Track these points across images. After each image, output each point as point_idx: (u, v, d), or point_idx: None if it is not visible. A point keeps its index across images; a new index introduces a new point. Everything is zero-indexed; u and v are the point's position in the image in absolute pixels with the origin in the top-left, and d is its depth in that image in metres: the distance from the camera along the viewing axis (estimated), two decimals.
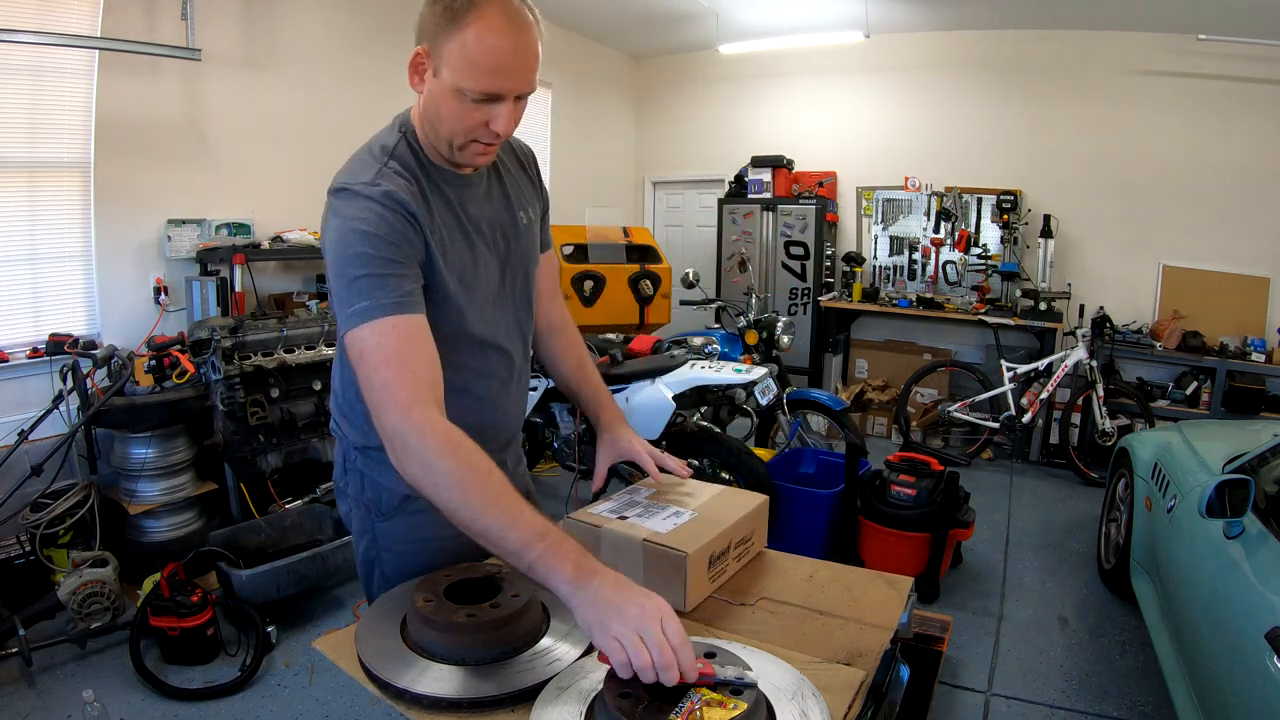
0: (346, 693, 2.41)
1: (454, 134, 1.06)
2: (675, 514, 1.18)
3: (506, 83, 1.01)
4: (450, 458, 0.92)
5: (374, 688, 0.90)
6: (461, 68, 0.99)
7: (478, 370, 1.20)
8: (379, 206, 1.01)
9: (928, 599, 3.08)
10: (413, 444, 0.93)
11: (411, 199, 1.04)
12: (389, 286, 0.98)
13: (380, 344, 0.96)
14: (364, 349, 0.97)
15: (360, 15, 4.32)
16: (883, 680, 0.95)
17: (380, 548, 1.23)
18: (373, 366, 0.96)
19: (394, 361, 0.96)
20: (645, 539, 1.09)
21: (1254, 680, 1.56)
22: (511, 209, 1.24)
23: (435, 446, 0.93)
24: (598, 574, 0.86)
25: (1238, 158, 4.87)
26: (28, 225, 3.14)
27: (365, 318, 0.97)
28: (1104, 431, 4.48)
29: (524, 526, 0.88)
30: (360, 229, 1.00)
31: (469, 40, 0.98)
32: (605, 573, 0.87)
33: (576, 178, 6.24)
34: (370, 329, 0.97)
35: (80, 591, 2.52)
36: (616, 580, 0.86)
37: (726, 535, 1.14)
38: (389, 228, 1.01)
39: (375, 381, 0.96)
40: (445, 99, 1.03)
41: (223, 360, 2.91)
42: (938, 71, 5.74)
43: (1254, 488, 1.90)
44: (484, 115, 1.03)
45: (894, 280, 5.98)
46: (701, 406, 3.40)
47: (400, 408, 0.95)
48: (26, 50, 2.95)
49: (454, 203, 1.13)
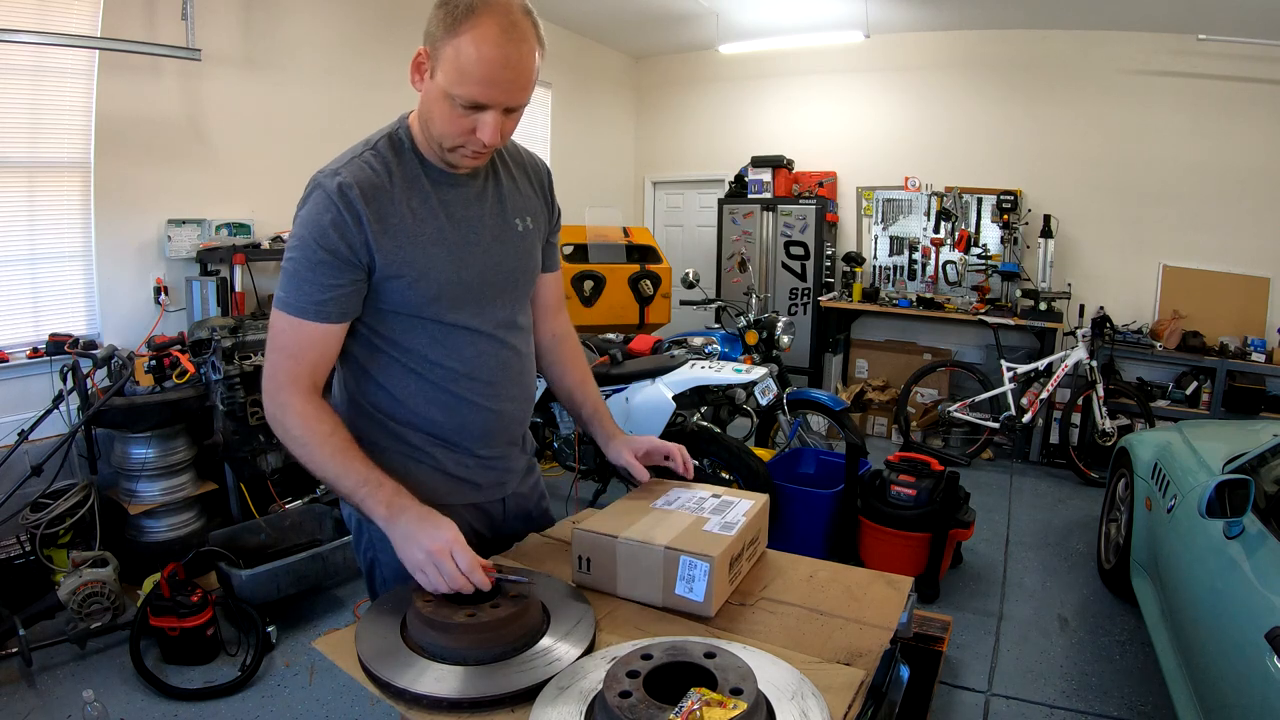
0: (346, 693, 2.41)
1: (444, 136, 1.09)
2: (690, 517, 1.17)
3: (493, 94, 1.03)
4: (301, 425, 1.09)
5: (374, 688, 0.90)
6: (452, 74, 1.02)
7: (474, 357, 1.22)
8: (326, 203, 1.08)
9: (928, 599, 3.08)
10: (277, 414, 1.11)
11: (370, 189, 1.10)
12: (306, 292, 1.09)
13: (284, 331, 1.11)
14: (274, 330, 1.13)
15: (360, 15, 4.32)
16: (883, 680, 0.95)
17: (378, 549, 1.23)
18: (272, 347, 1.13)
19: (287, 350, 1.11)
20: (668, 545, 1.07)
21: (1254, 680, 1.56)
22: (505, 215, 1.25)
23: (293, 417, 1.10)
24: (405, 511, 1.05)
25: (1238, 158, 4.87)
26: (28, 225, 3.14)
27: (282, 307, 1.11)
28: (1104, 431, 4.47)
29: (354, 474, 1.07)
30: (302, 232, 1.10)
31: (462, 47, 1.00)
32: (411, 510, 1.05)
33: (576, 178, 6.24)
34: (284, 318, 1.11)
35: (80, 591, 2.52)
36: (419, 516, 1.04)
37: (741, 537, 1.13)
38: (324, 236, 1.08)
39: (269, 358, 1.13)
40: (437, 101, 1.06)
41: (223, 360, 2.91)
42: (938, 71, 5.74)
43: (1254, 488, 1.90)
44: (471, 123, 1.06)
45: (894, 280, 5.98)
46: (701, 406, 3.40)
47: (277, 387, 1.11)
48: (26, 50, 2.95)
49: (434, 198, 1.16)
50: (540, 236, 1.33)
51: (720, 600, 1.08)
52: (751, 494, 1.27)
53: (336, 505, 3.18)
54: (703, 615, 1.05)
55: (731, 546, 1.10)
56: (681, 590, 1.06)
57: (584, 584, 1.14)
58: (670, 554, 1.06)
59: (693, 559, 1.05)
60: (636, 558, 1.09)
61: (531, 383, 1.36)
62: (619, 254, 5.57)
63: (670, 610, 1.08)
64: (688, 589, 1.06)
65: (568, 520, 1.37)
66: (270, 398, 1.12)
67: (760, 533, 1.24)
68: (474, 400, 1.22)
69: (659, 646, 0.88)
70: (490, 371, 1.24)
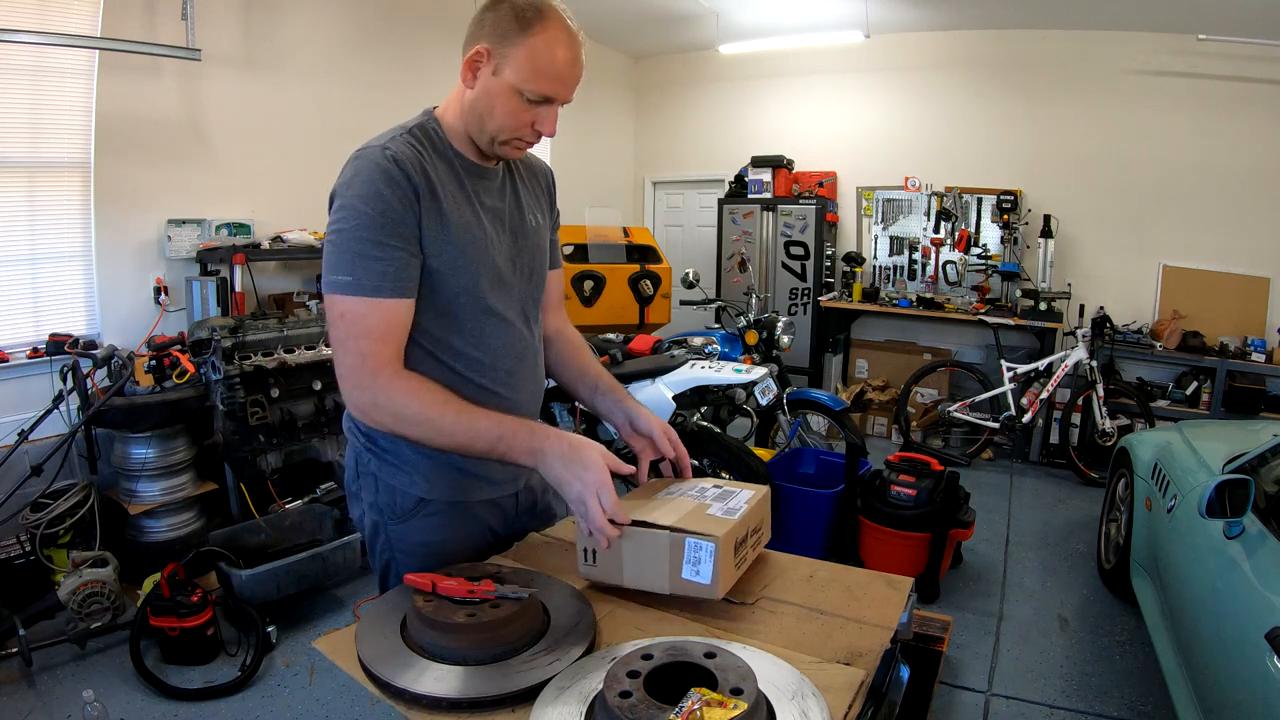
0: (346, 693, 2.41)
1: (501, 130, 1.14)
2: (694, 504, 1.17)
3: (561, 89, 1.13)
4: (416, 404, 1.07)
5: (374, 688, 0.90)
6: (527, 71, 1.09)
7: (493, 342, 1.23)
8: (378, 172, 1.07)
9: (928, 599, 3.08)
10: (382, 400, 1.08)
11: (416, 164, 1.11)
12: (375, 269, 1.06)
13: (363, 316, 1.07)
14: (348, 316, 1.08)
15: (360, 15, 4.31)
16: (883, 680, 0.95)
17: (395, 550, 1.24)
18: (352, 334, 1.07)
19: (372, 335, 1.08)
20: (672, 529, 1.07)
21: (1254, 680, 1.56)
22: (521, 209, 1.29)
23: (402, 398, 1.08)
24: (549, 453, 1.07)
25: (1238, 158, 4.87)
26: (28, 225, 3.14)
27: (351, 290, 1.07)
28: (1104, 431, 4.47)
29: (486, 433, 1.08)
30: (358, 206, 1.07)
31: (538, 47, 1.08)
32: (555, 449, 1.07)
33: (576, 177, 6.23)
34: (356, 301, 1.07)
35: (80, 591, 2.52)
36: (563, 456, 1.07)
37: (744, 522, 1.13)
38: (384, 204, 1.07)
39: (351, 348, 1.08)
40: (502, 97, 1.11)
41: (223, 360, 2.91)
42: (938, 71, 5.74)
43: (1254, 488, 1.90)
44: (532, 116, 1.14)
45: (894, 280, 5.98)
46: (701, 406, 3.40)
47: (371, 374, 1.07)
48: (26, 50, 2.95)
49: (466, 185, 1.19)
50: (546, 230, 1.38)
51: (728, 583, 1.07)
52: (755, 485, 1.26)
53: (337, 505, 3.18)
54: (709, 597, 1.05)
55: (735, 529, 1.09)
56: (689, 574, 1.06)
57: (590, 577, 1.13)
58: (676, 537, 1.06)
59: (698, 540, 1.05)
60: (642, 545, 1.08)
61: (542, 376, 1.38)
62: (619, 254, 5.57)
63: (678, 597, 1.07)
64: (694, 572, 1.05)
65: (569, 519, 1.37)
66: (363, 390, 1.08)
67: (763, 523, 1.24)
68: (494, 390, 1.24)
69: (659, 646, 0.88)
70: (510, 360, 1.26)
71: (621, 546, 1.09)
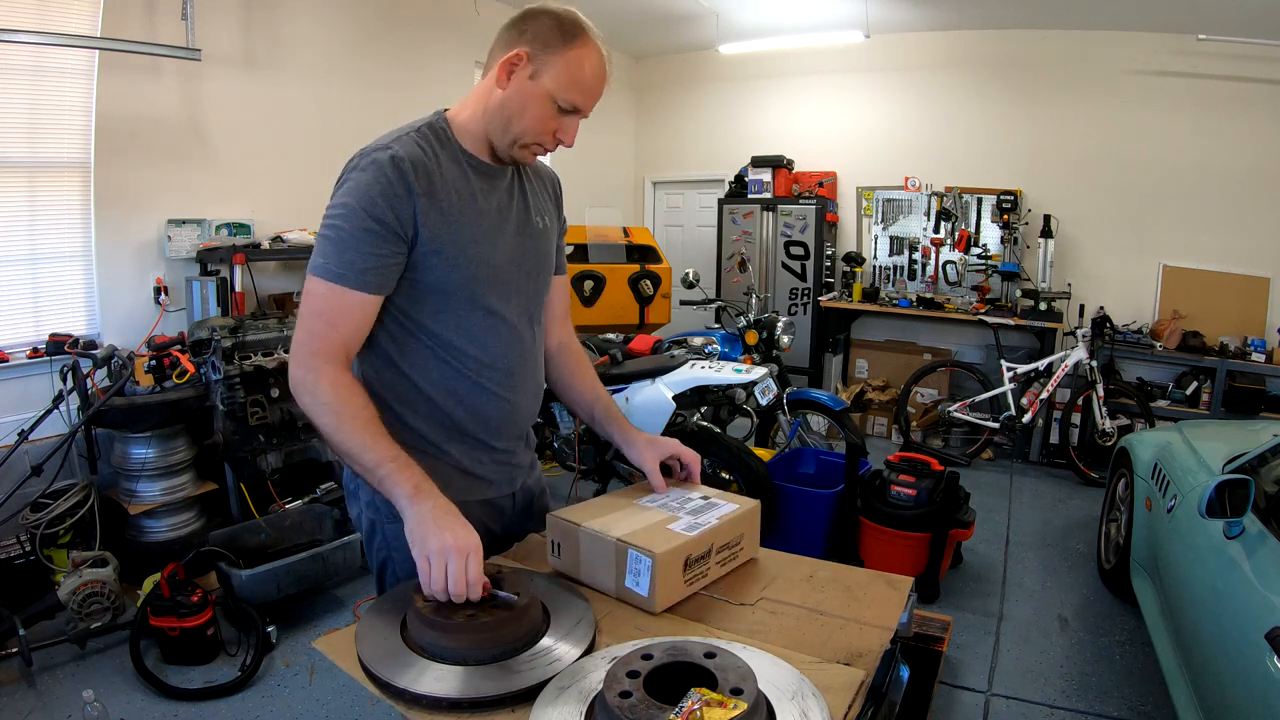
0: (346, 693, 2.41)
1: (525, 133, 1.17)
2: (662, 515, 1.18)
3: (589, 102, 1.19)
4: (333, 393, 1.09)
5: (374, 688, 0.90)
6: (565, 79, 1.14)
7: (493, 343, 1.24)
8: (378, 173, 1.10)
9: (928, 599, 3.08)
10: (309, 379, 1.09)
11: (420, 164, 1.13)
12: (349, 259, 1.09)
13: (323, 297, 1.11)
14: (310, 295, 1.12)
15: (360, 15, 4.31)
16: (883, 680, 0.95)
17: (392, 548, 1.25)
18: (308, 313, 1.12)
19: (324, 317, 1.11)
20: (619, 538, 1.09)
21: (1254, 680, 1.56)
22: (528, 211, 1.30)
23: (325, 384, 1.09)
24: (431, 498, 1.03)
25: (1238, 158, 4.87)
26: (28, 225, 3.14)
27: (322, 273, 1.11)
28: (1104, 431, 4.47)
29: (379, 449, 1.06)
30: (349, 200, 1.10)
31: (581, 60, 1.14)
32: (439, 500, 1.03)
33: (577, 177, 6.20)
34: (322, 284, 1.10)
35: (80, 591, 2.52)
36: (447, 509, 1.03)
37: (705, 539, 1.13)
38: (374, 205, 1.09)
39: (304, 325, 1.12)
40: (535, 100, 1.15)
41: (223, 360, 2.91)
42: (938, 71, 5.74)
43: (1254, 488, 1.90)
44: (557, 124, 1.18)
45: (894, 280, 5.98)
46: (701, 406, 3.39)
47: (311, 353, 1.10)
48: (26, 50, 2.95)
49: (474, 183, 1.21)
50: (553, 233, 1.38)
51: (668, 599, 1.09)
52: (743, 499, 1.26)
53: (337, 505, 3.18)
54: (648, 610, 1.08)
55: (688, 547, 1.10)
56: (630, 583, 1.09)
57: (556, 568, 1.19)
58: (620, 546, 1.09)
59: (638, 554, 1.07)
60: (594, 547, 1.13)
61: (542, 379, 1.39)
62: (619, 254, 5.57)
63: (623, 601, 1.10)
64: (635, 582, 1.09)
65: None
66: (300, 363, 1.10)
67: (744, 538, 1.22)
68: (493, 390, 1.24)
69: (659, 646, 0.88)
70: (510, 361, 1.26)
71: (579, 545, 1.14)
